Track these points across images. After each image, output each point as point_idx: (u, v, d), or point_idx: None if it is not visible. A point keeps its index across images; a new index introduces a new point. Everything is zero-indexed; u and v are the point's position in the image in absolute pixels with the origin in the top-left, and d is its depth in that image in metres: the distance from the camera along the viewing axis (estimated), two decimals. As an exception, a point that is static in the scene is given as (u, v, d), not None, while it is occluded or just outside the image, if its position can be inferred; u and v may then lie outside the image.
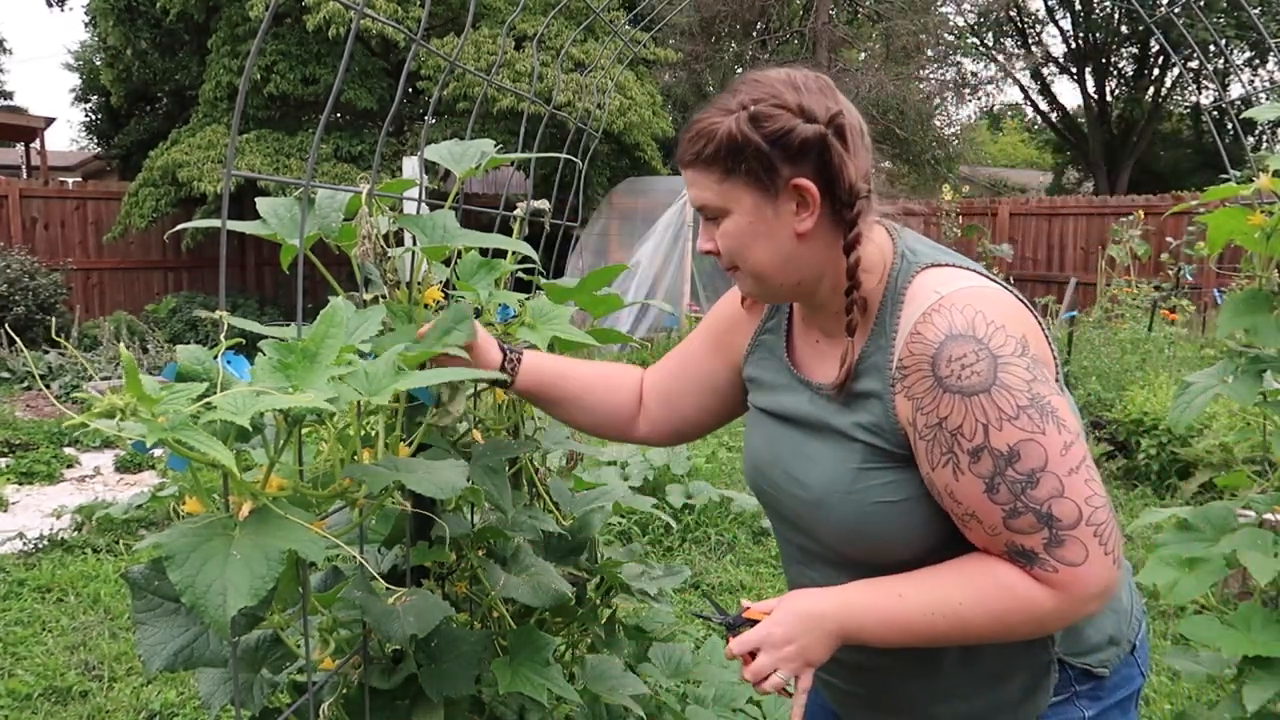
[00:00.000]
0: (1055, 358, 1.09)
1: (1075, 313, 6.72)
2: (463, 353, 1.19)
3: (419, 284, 1.29)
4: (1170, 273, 7.92)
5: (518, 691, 1.38)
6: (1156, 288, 6.99)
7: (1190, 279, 7.98)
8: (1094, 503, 0.99)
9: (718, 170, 1.09)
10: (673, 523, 3.56)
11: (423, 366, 1.16)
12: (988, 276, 1.10)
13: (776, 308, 1.29)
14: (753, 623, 1.09)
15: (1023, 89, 22.73)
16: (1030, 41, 22.79)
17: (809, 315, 1.23)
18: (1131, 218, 7.32)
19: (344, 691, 1.25)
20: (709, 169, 1.10)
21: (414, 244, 1.27)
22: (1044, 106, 23.78)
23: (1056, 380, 1.07)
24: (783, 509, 1.23)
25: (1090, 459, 1.01)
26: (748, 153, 1.06)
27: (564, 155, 1.64)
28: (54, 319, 9.07)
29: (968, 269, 1.10)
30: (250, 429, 0.87)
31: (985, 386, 0.98)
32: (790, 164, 1.06)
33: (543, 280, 1.63)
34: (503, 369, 1.32)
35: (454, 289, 1.34)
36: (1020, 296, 1.11)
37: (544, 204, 1.56)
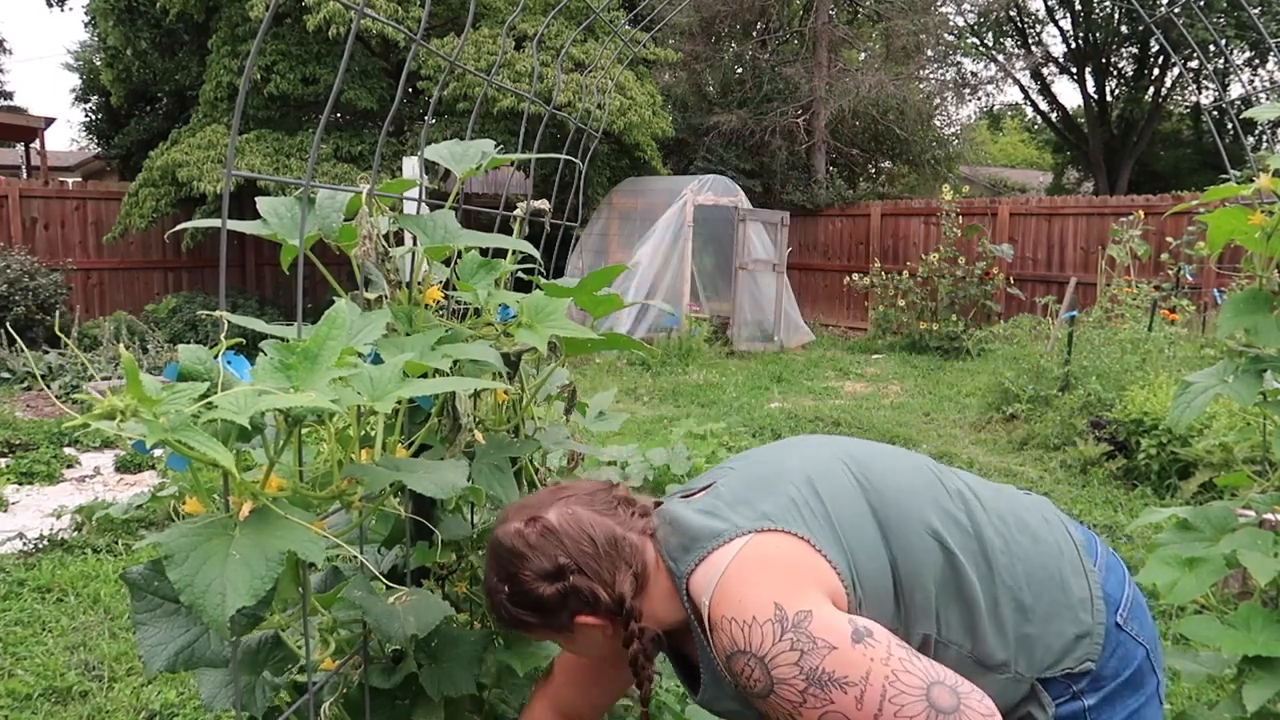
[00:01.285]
0: (835, 567, 1.16)
1: (1075, 313, 6.72)
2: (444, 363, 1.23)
3: (419, 284, 1.29)
4: (1170, 273, 7.92)
5: (517, 689, 1.38)
6: (1156, 288, 6.99)
7: (1190, 279, 7.98)
8: (907, 713, 1.04)
9: (520, 629, 1.28)
10: (673, 523, 3.55)
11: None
12: (731, 522, 1.19)
13: None
14: None
15: (1023, 89, 22.74)
16: (1030, 41, 22.78)
17: None
18: (1131, 218, 7.33)
19: (344, 691, 1.25)
20: (512, 629, 1.30)
21: (415, 244, 1.27)
22: (1044, 106, 23.78)
23: (847, 586, 1.15)
24: None
25: (895, 674, 1.05)
26: (524, 622, 1.24)
27: (564, 155, 1.64)
28: (54, 319, 9.06)
29: (715, 544, 1.18)
30: (251, 429, 0.87)
31: (769, 688, 1.10)
32: (561, 612, 1.22)
33: (542, 280, 1.63)
34: None
35: (454, 289, 1.34)
36: (785, 524, 1.18)
37: (544, 204, 1.56)
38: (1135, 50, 21.19)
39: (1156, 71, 20.91)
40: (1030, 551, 1.25)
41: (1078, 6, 20.96)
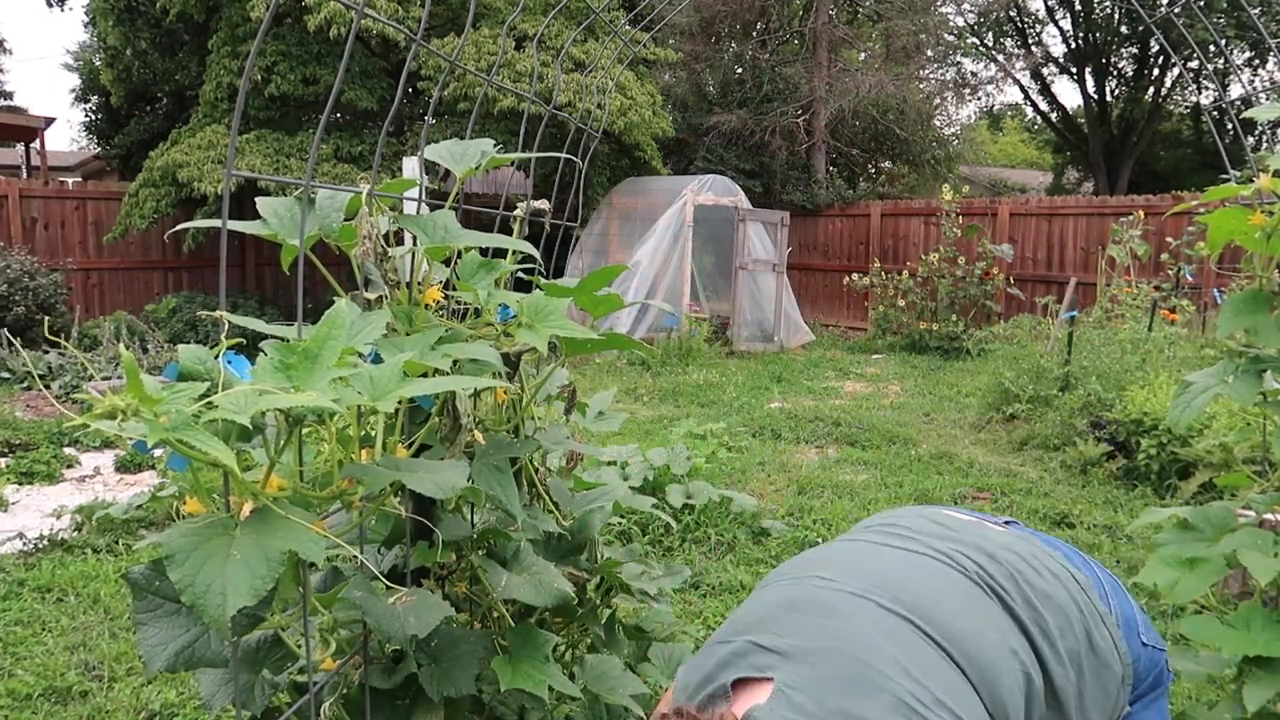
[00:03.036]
0: None
1: (1075, 313, 6.71)
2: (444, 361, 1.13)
3: (419, 284, 1.29)
4: (1170, 273, 7.92)
5: (518, 690, 1.38)
6: (1156, 288, 6.99)
7: (1190, 279, 7.98)
8: None
9: None
10: (673, 523, 3.55)
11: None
12: None
13: None
14: None
15: (1023, 89, 22.73)
16: (1030, 41, 22.78)
17: None
18: (1131, 218, 7.33)
19: (344, 691, 1.25)
20: None
21: (414, 244, 1.27)
22: (1044, 106, 23.78)
23: None
24: None
25: None
26: None
27: (564, 155, 1.64)
28: (53, 319, 9.07)
29: None
30: (251, 429, 0.87)
31: None
32: None
33: (542, 280, 1.63)
34: None
35: (454, 289, 1.34)
36: None
37: (544, 204, 1.56)
38: (1135, 50, 21.19)
39: (1156, 71, 20.91)
40: (1063, 626, 1.20)
41: (1078, 6, 20.96)
